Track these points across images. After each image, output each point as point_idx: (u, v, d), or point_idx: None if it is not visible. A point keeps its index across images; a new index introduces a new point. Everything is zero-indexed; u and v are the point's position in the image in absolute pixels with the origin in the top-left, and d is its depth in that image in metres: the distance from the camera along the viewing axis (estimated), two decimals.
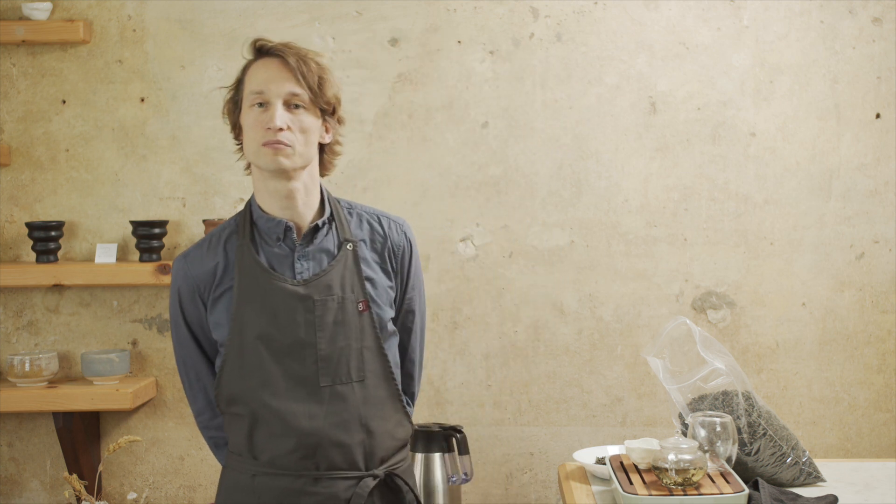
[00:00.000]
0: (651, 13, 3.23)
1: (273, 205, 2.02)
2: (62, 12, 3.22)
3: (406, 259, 2.13)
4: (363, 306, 2.03)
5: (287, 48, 1.99)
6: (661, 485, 2.08)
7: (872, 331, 3.27)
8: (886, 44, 3.22)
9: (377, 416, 2.04)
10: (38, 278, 3.11)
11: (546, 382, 3.29)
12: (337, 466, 2.00)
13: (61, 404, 3.08)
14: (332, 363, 1.99)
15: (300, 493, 1.99)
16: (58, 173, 3.26)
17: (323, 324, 1.99)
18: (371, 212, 2.14)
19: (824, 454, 3.25)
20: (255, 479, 2.01)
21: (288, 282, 1.99)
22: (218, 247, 2.05)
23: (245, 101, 2.00)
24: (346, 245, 2.05)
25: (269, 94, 1.96)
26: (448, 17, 3.22)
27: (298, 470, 1.99)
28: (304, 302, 1.99)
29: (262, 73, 1.98)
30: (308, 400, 1.98)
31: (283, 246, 2.03)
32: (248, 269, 2.00)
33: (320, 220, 2.04)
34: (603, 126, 3.24)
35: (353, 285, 2.03)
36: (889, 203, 3.25)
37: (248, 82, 2.00)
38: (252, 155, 2.00)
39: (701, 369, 2.32)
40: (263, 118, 1.96)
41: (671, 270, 3.26)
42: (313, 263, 2.02)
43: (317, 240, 2.04)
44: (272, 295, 1.99)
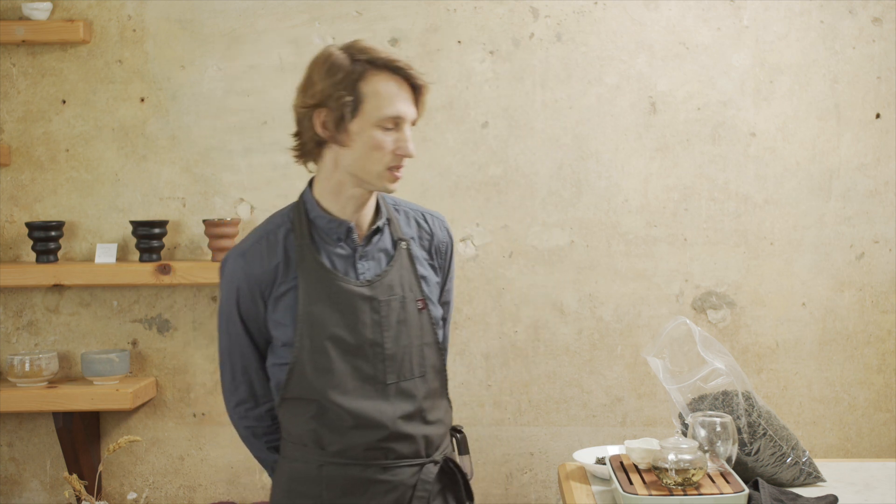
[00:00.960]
0: (651, 13, 3.23)
1: (344, 208, 2.04)
2: (62, 12, 3.22)
3: (448, 254, 2.19)
4: (421, 304, 2.08)
5: (416, 73, 1.99)
6: (661, 485, 2.08)
7: (872, 331, 3.27)
8: (886, 44, 3.22)
9: (434, 407, 2.11)
10: (38, 278, 3.11)
11: (546, 382, 3.29)
12: (403, 456, 2.06)
13: (61, 404, 3.08)
14: (397, 361, 2.04)
15: (368, 482, 2.04)
16: (58, 173, 3.26)
17: (388, 324, 2.03)
18: (415, 208, 2.18)
19: (824, 454, 3.25)
20: (323, 468, 2.05)
21: (352, 283, 2.02)
22: (277, 246, 2.04)
23: (369, 117, 1.95)
24: (400, 244, 2.09)
25: (403, 121, 1.97)
26: (448, 17, 3.22)
27: (367, 460, 2.04)
28: (371, 303, 2.02)
29: (398, 95, 1.97)
30: (376, 397, 2.03)
31: (344, 246, 2.05)
32: (312, 270, 2.02)
33: (381, 223, 2.08)
34: (603, 126, 3.24)
35: (411, 284, 2.08)
36: (889, 203, 3.25)
37: (375, 99, 1.95)
38: (371, 175, 1.99)
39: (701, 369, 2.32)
40: (396, 142, 1.97)
41: (671, 270, 3.26)
42: (374, 263, 2.06)
43: (375, 240, 2.07)
44: (339, 296, 2.01)
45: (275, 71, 3.23)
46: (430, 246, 2.14)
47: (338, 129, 1.96)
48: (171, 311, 3.27)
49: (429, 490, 2.07)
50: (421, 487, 2.07)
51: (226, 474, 3.31)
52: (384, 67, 1.96)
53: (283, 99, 3.23)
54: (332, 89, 1.94)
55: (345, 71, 1.94)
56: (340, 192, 2.02)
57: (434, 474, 2.09)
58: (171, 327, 3.28)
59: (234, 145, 3.25)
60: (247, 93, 3.24)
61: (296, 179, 3.24)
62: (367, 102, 1.94)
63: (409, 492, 2.06)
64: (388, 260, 2.07)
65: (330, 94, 1.94)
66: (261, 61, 3.23)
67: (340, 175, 2.01)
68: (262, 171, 3.25)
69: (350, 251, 2.05)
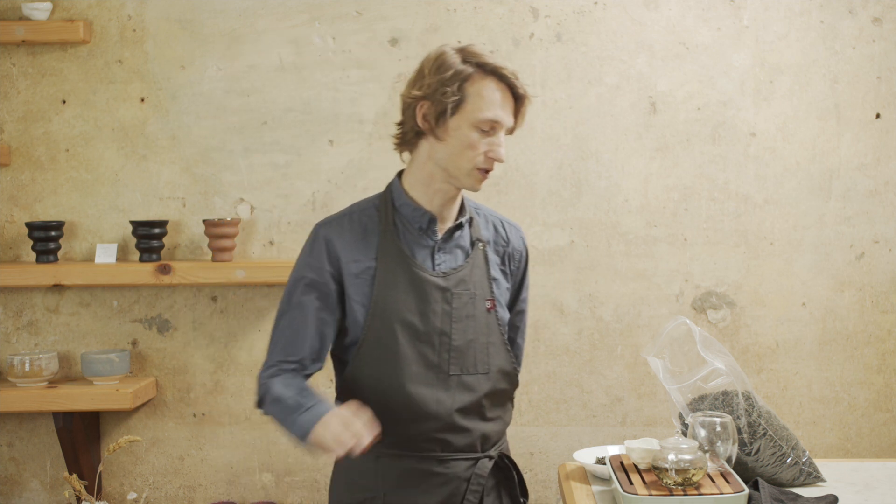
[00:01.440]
0: (651, 13, 3.23)
1: (431, 200, 2.11)
2: (62, 12, 3.22)
3: (523, 264, 2.26)
4: (490, 304, 2.15)
5: (519, 82, 2.07)
6: (661, 485, 2.08)
7: (872, 331, 3.27)
8: (886, 44, 3.22)
9: (496, 406, 2.17)
10: (38, 278, 3.11)
11: (546, 382, 3.29)
12: (458, 449, 2.11)
13: (61, 404, 3.08)
14: (461, 354, 2.09)
15: (424, 474, 2.10)
16: (58, 173, 3.26)
17: (458, 316, 2.10)
18: (494, 215, 2.26)
19: (824, 454, 3.25)
20: (379, 460, 2.10)
21: (428, 272, 2.09)
22: (358, 225, 2.12)
23: (468, 117, 2.04)
24: (478, 244, 2.16)
25: (500, 126, 2.06)
26: (448, 17, 3.22)
27: (422, 451, 2.09)
28: (444, 293, 2.09)
29: (499, 101, 2.05)
30: (437, 386, 2.08)
31: (424, 237, 2.12)
32: (392, 255, 2.09)
33: (464, 219, 2.15)
34: (603, 126, 3.24)
35: (483, 284, 2.15)
36: (889, 203, 3.25)
37: (476, 100, 2.03)
38: (460, 172, 2.07)
39: (701, 369, 2.32)
40: (488, 145, 2.05)
41: (671, 270, 3.26)
42: (450, 257, 2.13)
43: (455, 236, 2.14)
44: (414, 283, 2.08)
45: (275, 71, 3.23)
46: (504, 252, 2.22)
47: (437, 123, 2.05)
48: (171, 311, 3.27)
49: (482, 484, 2.13)
50: (475, 481, 2.12)
51: (226, 474, 3.31)
52: (491, 73, 2.05)
53: (283, 99, 3.23)
54: (439, 84, 2.03)
55: (454, 70, 2.03)
56: (430, 184, 2.10)
57: (488, 469, 2.14)
58: (171, 327, 3.28)
59: (234, 145, 3.25)
60: (247, 93, 3.24)
61: (296, 179, 3.25)
62: (468, 102, 2.03)
63: (463, 485, 2.11)
64: (465, 257, 2.14)
65: (436, 89, 2.03)
66: (261, 61, 3.23)
67: (432, 167, 2.09)
68: (262, 171, 3.25)
69: (430, 242, 2.12)
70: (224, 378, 3.28)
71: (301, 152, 3.24)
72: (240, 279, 3.11)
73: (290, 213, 3.25)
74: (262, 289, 3.26)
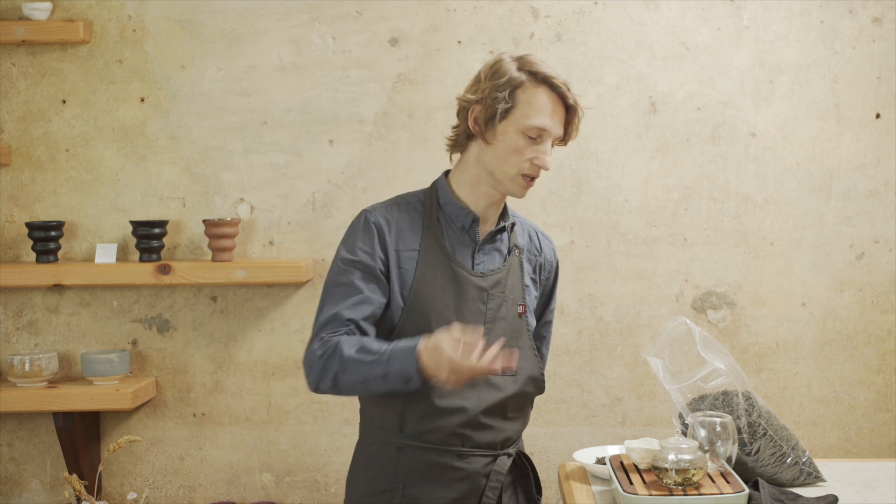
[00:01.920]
0: (651, 13, 3.23)
1: (476, 202, 2.16)
2: (62, 12, 3.21)
3: (553, 276, 2.31)
4: (522, 309, 2.19)
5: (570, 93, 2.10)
6: (661, 485, 2.08)
7: (872, 331, 3.27)
8: (886, 44, 3.22)
9: (519, 408, 2.21)
10: (38, 278, 3.11)
11: (546, 382, 3.28)
12: (479, 445, 2.14)
13: (61, 404, 3.08)
14: None
15: (444, 468, 2.12)
16: (58, 173, 3.26)
17: (492, 316, 2.13)
18: (530, 224, 2.30)
19: (824, 454, 3.25)
20: (400, 452, 2.13)
21: (468, 270, 2.13)
22: (406, 215, 2.15)
23: (517, 123, 2.08)
24: (515, 250, 2.21)
25: (548, 135, 2.09)
26: (448, 17, 3.22)
27: (444, 445, 2.12)
28: (481, 293, 2.13)
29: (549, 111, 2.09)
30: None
31: (466, 236, 2.16)
32: (433, 250, 2.12)
33: (507, 223, 2.20)
34: (603, 126, 3.24)
35: (516, 289, 2.18)
36: (889, 203, 3.25)
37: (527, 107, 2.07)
38: (505, 176, 2.11)
39: (701, 369, 2.32)
40: (533, 152, 2.09)
41: (671, 270, 3.26)
42: (488, 259, 2.17)
43: (496, 239, 2.19)
44: (453, 279, 2.11)
45: (275, 71, 3.23)
46: (536, 262, 2.26)
47: (487, 127, 2.09)
48: (171, 311, 3.27)
49: (501, 481, 2.16)
50: (494, 478, 2.15)
51: (226, 474, 3.31)
52: (543, 82, 2.09)
53: (283, 99, 3.23)
54: (492, 90, 2.09)
55: (508, 76, 2.09)
56: (476, 187, 2.15)
57: (507, 466, 2.17)
58: (171, 327, 3.28)
59: (234, 145, 3.25)
60: (247, 93, 3.24)
61: (296, 179, 3.25)
62: (518, 109, 2.08)
63: (482, 481, 2.15)
64: (503, 261, 2.18)
65: (488, 94, 2.09)
66: (261, 61, 3.23)
67: (479, 170, 2.13)
68: (262, 171, 3.25)
69: (471, 242, 2.16)
70: (224, 378, 3.28)
71: (301, 152, 3.24)
72: (240, 279, 3.11)
73: (290, 213, 3.25)
74: (262, 289, 3.26)
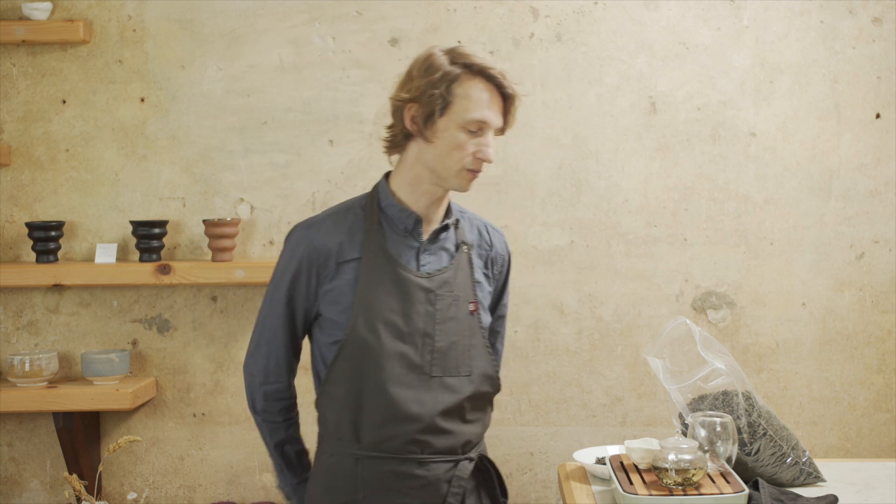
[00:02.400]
0: (651, 13, 3.23)
1: (417, 201, 2.12)
2: (62, 12, 3.22)
3: (505, 269, 2.27)
4: (473, 307, 2.14)
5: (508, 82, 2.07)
6: (661, 485, 2.08)
7: (872, 331, 3.27)
8: (886, 44, 3.22)
9: (476, 409, 2.16)
10: (38, 278, 3.11)
11: (546, 382, 3.28)
12: (438, 451, 2.10)
13: (61, 404, 3.08)
14: (443, 355, 2.09)
15: (404, 476, 2.08)
16: (58, 173, 3.26)
17: (441, 317, 2.10)
18: (479, 219, 2.26)
19: (824, 454, 3.25)
20: (359, 462, 2.09)
21: (413, 273, 2.09)
22: (343, 225, 2.12)
23: (456, 118, 2.04)
24: (463, 247, 2.16)
25: (488, 126, 2.06)
26: (448, 17, 3.22)
27: (402, 454, 2.08)
28: (427, 294, 2.09)
29: (487, 102, 2.05)
30: (418, 387, 2.07)
31: (410, 238, 2.12)
32: (376, 255, 2.08)
33: (450, 221, 2.16)
34: (603, 126, 3.24)
35: (466, 286, 2.14)
36: (889, 203, 3.25)
37: (465, 102, 2.04)
38: (449, 173, 2.07)
39: (701, 369, 2.32)
40: (476, 145, 2.05)
41: (671, 270, 3.26)
42: (435, 259, 2.13)
43: (441, 238, 2.14)
44: (398, 283, 2.08)
45: (275, 71, 3.23)
46: (487, 256, 2.22)
47: (425, 125, 2.05)
48: (171, 311, 3.27)
49: (463, 486, 2.12)
50: (456, 484, 2.11)
51: (226, 474, 3.31)
52: (479, 73, 2.05)
53: (283, 99, 3.23)
54: (427, 87, 2.04)
55: (442, 71, 2.04)
56: (417, 186, 2.11)
57: (469, 471, 2.13)
58: (171, 327, 3.28)
59: (234, 145, 3.25)
60: (247, 93, 3.24)
61: (296, 179, 3.25)
62: (456, 103, 2.04)
63: (443, 487, 2.11)
64: (450, 259, 2.14)
65: (424, 91, 2.04)
66: (261, 61, 3.23)
67: (420, 169, 2.09)
68: (262, 171, 3.25)
69: (415, 243, 2.12)
70: (224, 378, 3.28)
71: (301, 152, 3.24)
72: (240, 279, 3.11)
73: (290, 213, 3.25)
74: (262, 289, 3.26)
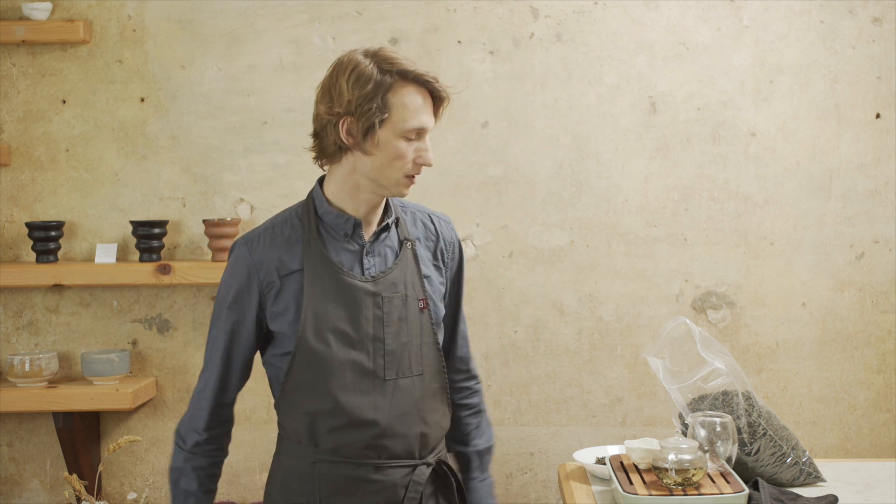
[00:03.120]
0: (651, 13, 3.23)
1: (354, 206, 2.06)
2: (62, 12, 3.22)
3: (456, 255, 2.21)
4: (423, 304, 2.11)
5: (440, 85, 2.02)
6: (661, 485, 2.08)
7: (872, 331, 3.27)
8: (886, 44, 3.22)
9: (431, 408, 2.12)
10: (38, 278, 3.11)
11: (546, 382, 3.29)
12: (396, 455, 2.07)
13: (61, 404, 3.08)
14: (396, 357, 2.06)
15: (360, 481, 2.06)
16: (58, 173, 3.26)
17: (390, 320, 2.06)
18: (421, 210, 2.21)
19: (824, 454, 3.25)
20: (316, 466, 2.07)
21: (357, 278, 2.05)
22: (281, 238, 2.07)
23: (394, 128, 1.98)
24: (406, 244, 2.12)
25: (426, 132, 2.02)
26: (448, 17, 3.22)
27: (360, 458, 2.06)
28: (374, 298, 2.05)
29: (422, 106, 2.00)
30: (373, 392, 2.05)
31: (351, 242, 2.08)
32: (318, 264, 2.05)
33: (390, 220, 2.11)
34: (603, 126, 3.24)
35: (414, 283, 2.10)
36: (889, 203, 3.25)
37: (401, 111, 1.98)
38: (390, 182, 2.02)
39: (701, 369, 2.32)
40: (416, 151, 2.01)
41: (671, 270, 3.26)
42: (379, 260, 2.09)
43: (382, 238, 2.10)
44: (343, 290, 2.04)
45: (275, 71, 3.23)
46: (435, 247, 2.17)
47: (364, 139, 1.98)
48: (171, 311, 3.28)
49: (419, 491, 2.09)
50: (412, 489, 2.08)
51: (226, 474, 3.31)
52: (413, 81, 1.99)
53: (283, 99, 3.23)
54: (362, 100, 1.96)
55: (374, 83, 1.96)
56: (355, 195, 2.05)
57: (426, 476, 2.10)
58: (171, 327, 3.28)
59: (234, 145, 3.25)
60: (247, 93, 3.24)
61: (296, 179, 3.25)
62: (394, 114, 1.97)
63: (400, 492, 2.08)
64: (394, 258, 2.10)
65: (359, 105, 1.96)
66: (261, 61, 3.23)
67: (357, 179, 2.04)
68: (262, 171, 3.25)
69: (357, 247, 2.08)
70: None
71: (301, 152, 3.24)
72: None
73: None
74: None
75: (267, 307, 2.06)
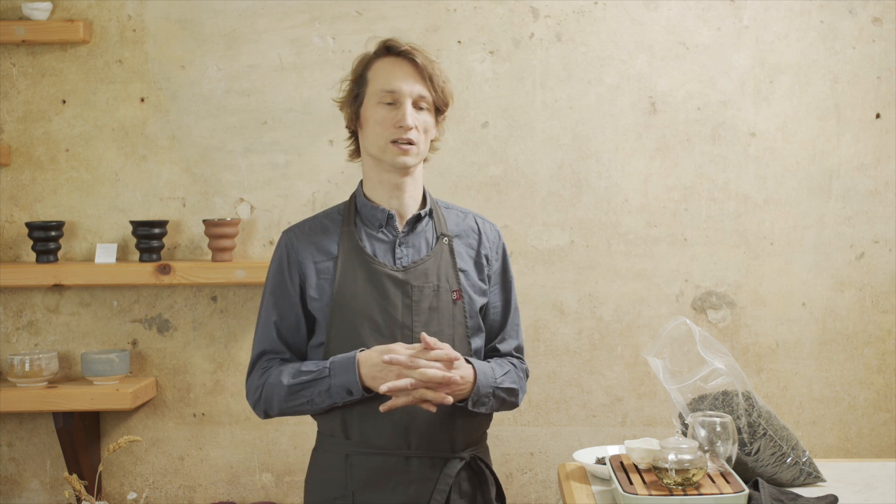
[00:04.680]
0: (651, 13, 3.23)
1: (382, 194, 2.17)
2: (62, 12, 3.22)
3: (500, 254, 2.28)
4: (456, 295, 2.16)
5: (416, 51, 2.13)
6: (661, 485, 2.08)
7: (872, 331, 3.27)
8: (886, 44, 3.22)
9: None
10: (38, 278, 3.11)
11: (546, 382, 3.29)
12: (427, 446, 2.11)
13: (61, 404, 3.08)
14: None
15: (392, 472, 2.10)
16: (58, 173, 3.26)
17: (420, 309, 2.12)
18: (469, 212, 2.29)
19: (824, 454, 3.25)
20: (349, 458, 2.11)
21: (388, 267, 2.13)
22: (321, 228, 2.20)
23: (372, 98, 2.12)
24: (442, 239, 2.19)
25: (401, 95, 2.10)
26: (448, 17, 3.22)
27: (391, 449, 2.09)
28: (403, 287, 2.12)
29: (394, 72, 2.11)
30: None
31: (385, 233, 2.16)
32: (351, 253, 2.13)
33: (422, 211, 2.18)
34: (603, 126, 3.24)
35: (448, 275, 2.16)
36: (889, 203, 3.25)
37: (375, 79, 2.12)
38: (377, 150, 2.12)
39: (701, 369, 2.32)
40: (393, 117, 2.10)
41: (671, 270, 3.26)
42: (413, 251, 2.16)
43: (417, 230, 2.17)
44: (373, 278, 2.11)
45: (275, 71, 3.23)
46: (478, 244, 2.24)
47: (357, 118, 2.15)
48: (171, 311, 3.28)
49: (449, 484, 2.11)
50: (443, 482, 2.11)
51: (226, 474, 3.31)
52: (386, 51, 2.13)
53: (283, 99, 3.23)
54: (351, 84, 2.18)
55: (358, 62, 2.18)
56: (374, 178, 2.17)
57: (457, 469, 2.13)
58: (171, 327, 3.28)
59: (234, 145, 3.25)
60: (247, 93, 3.24)
61: (296, 179, 3.25)
62: (370, 84, 2.12)
63: (430, 485, 2.10)
64: (428, 250, 2.17)
65: (350, 89, 2.17)
66: (261, 61, 3.23)
67: (368, 159, 2.18)
68: (262, 171, 3.25)
69: (391, 238, 2.16)
70: (224, 378, 3.28)
71: (301, 152, 3.24)
72: (240, 279, 3.12)
73: (290, 213, 3.25)
74: (262, 289, 3.26)
75: (307, 292, 2.14)
